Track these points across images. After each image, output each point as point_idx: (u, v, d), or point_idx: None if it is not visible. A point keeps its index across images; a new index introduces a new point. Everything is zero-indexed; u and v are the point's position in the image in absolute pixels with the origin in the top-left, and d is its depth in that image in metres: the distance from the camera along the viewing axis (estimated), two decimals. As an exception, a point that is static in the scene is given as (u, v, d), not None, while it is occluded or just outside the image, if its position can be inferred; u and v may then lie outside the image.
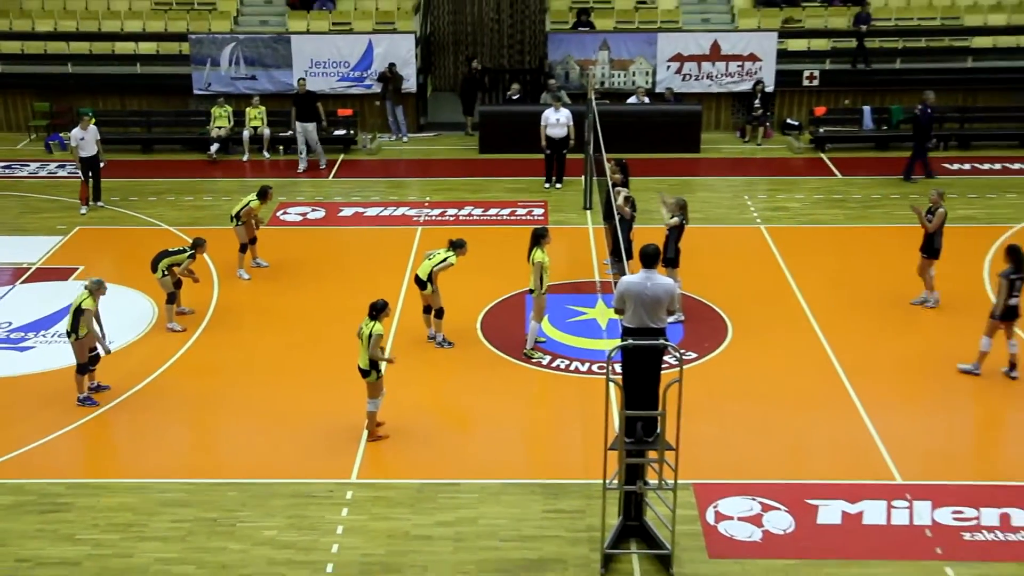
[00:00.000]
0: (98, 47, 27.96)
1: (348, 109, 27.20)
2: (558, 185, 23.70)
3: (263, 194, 19.02)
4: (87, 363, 14.95)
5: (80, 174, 22.47)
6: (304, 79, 25.81)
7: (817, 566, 11.52)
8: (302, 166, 25.01)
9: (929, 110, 23.54)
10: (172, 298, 17.09)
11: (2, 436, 14.18)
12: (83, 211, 22.30)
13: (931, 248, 17.33)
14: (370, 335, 13.44)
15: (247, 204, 18.82)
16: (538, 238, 15.88)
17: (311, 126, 24.77)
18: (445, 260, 16.04)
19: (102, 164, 22.73)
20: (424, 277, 16.01)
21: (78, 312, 14.67)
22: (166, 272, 16.88)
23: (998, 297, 15.14)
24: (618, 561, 11.54)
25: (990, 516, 12.29)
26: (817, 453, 13.82)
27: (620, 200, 17.28)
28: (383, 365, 13.90)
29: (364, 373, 13.70)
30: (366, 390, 13.78)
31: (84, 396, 15.00)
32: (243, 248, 19.16)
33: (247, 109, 26.23)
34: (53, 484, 13.14)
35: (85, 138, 22.08)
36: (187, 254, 17.03)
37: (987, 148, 26.13)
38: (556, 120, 23.30)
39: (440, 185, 24.07)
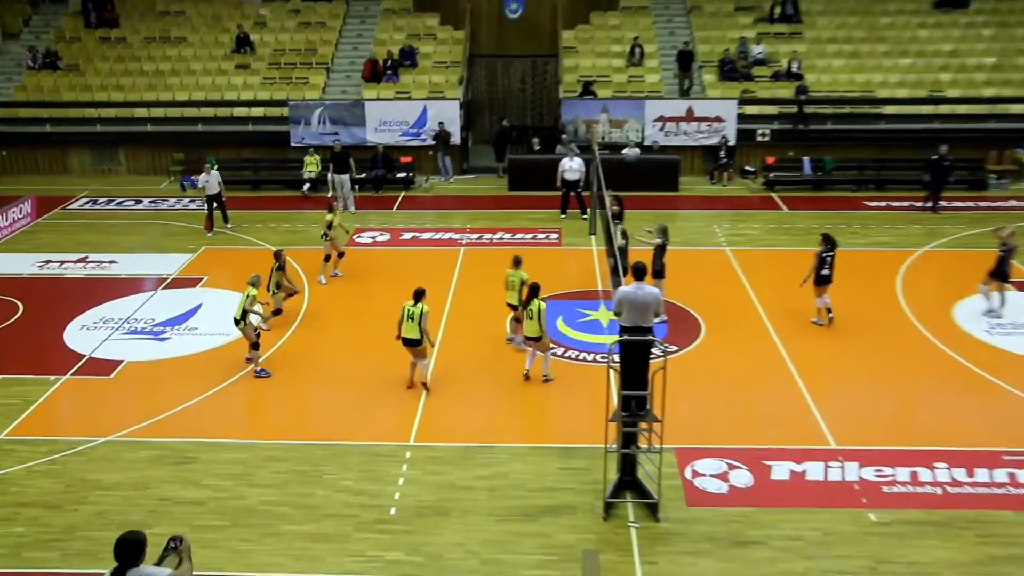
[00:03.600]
0: (221, 111, 27.98)
1: (408, 157, 27.08)
2: (584, 216, 23.04)
3: (331, 209, 19.31)
4: (257, 341, 15.13)
5: (205, 207, 22.53)
6: (339, 140, 25.40)
7: (771, 512, 11.37)
8: (341, 206, 23.94)
9: (946, 161, 23.16)
10: (279, 312, 17.11)
11: (146, 405, 14.17)
12: (209, 234, 22.31)
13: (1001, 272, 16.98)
14: (421, 313, 13.96)
15: (328, 221, 19.00)
16: (534, 291, 14.31)
17: (345, 177, 24.38)
18: (521, 277, 15.44)
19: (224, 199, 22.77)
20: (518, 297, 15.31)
21: (246, 300, 14.90)
22: (276, 290, 16.81)
23: (811, 269, 16.38)
24: (616, 508, 11.41)
25: (903, 473, 12.14)
26: (770, 424, 13.62)
27: (619, 234, 16.78)
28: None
29: (415, 343, 14.11)
30: (417, 355, 14.31)
31: (260, 370, 15.11)
32: (327, 258, 19.16)
33: (304, 157, 26.02)
34: (184, 442, 13.10)
35: (209, 180, 22.09)
36: (276, 267, 16.92)
37: (897, 190, 25.77)
38: (571, 167, 23.10)
39: (478, 215, 23.93)
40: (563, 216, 23.46)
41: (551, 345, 14.99)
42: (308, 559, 10.60)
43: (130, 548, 7.09)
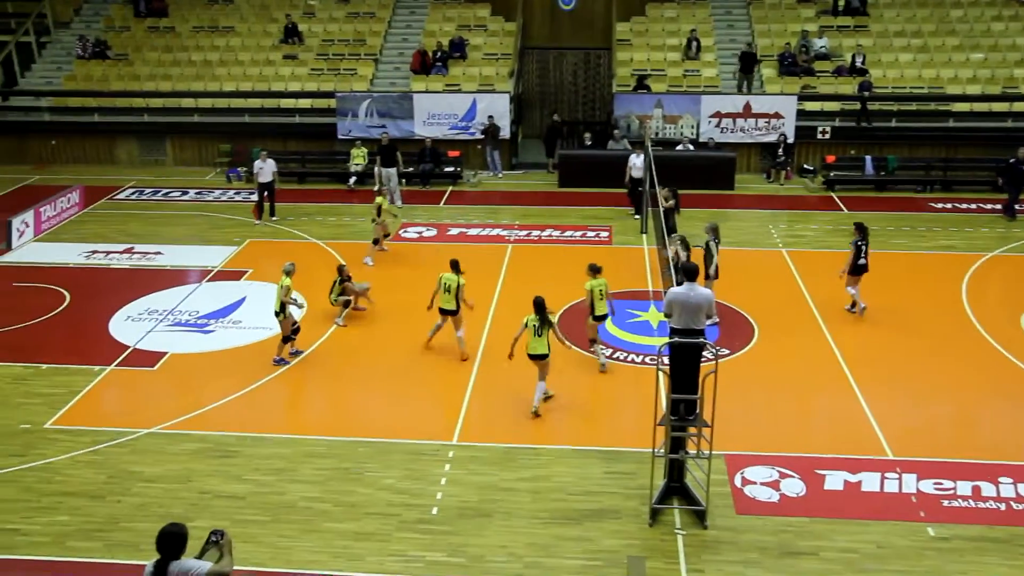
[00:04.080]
0: (268, 102, 28.39)
1: (456, 151, 27.24)
2: (636, 216, 22.83)
3: (379, 192, 21.19)
4: (290, 334, 15.47)
5: (256, 195, 22.92)
6: (387, 133, 25.61)
7: (824, 523, 11.28)
8: (388, 200, 24.39)
9: (1023, 163, 22.71)
10: (348, 304, 17.29)
11: (190, 398, 14.45)
12: (257, 223, 22.75)
13: None
14: (458, 285, 15.21)
15: (377, 205, 20.05)
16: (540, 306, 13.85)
17: (392, 171, 24.51)
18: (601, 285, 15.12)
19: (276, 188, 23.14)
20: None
21: (281, 290, 15.18)
22: (337, 299, 17.18)
23: (848, 260, 16.80)
24: (663, 514, 11.40)
25: (964, 487, 11.95)
26: (825, 432, 13.53)
27: (677, 246, 16.25)
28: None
29: (452, 312, 15.31)
30: (455, 324, 15.45)
31: (279, 359, 15.43)
32: (375, 241, 20.02)
33: (351, 150, 26.34)
34: (226, 435, 13.35)
35: (263, 168, 22.50)
36: (340, 280, 17.20)
37: (965, 191, 25.35)
38: (638, 164, 22.89)
39: (527, 212, 23.99)
40: (637, 216, 22.97)
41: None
42: (348, 557, 10.75)
43: (172, 541, 7.29)
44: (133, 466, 12.59)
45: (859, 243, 16.79)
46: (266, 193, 22.80)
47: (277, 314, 15.33)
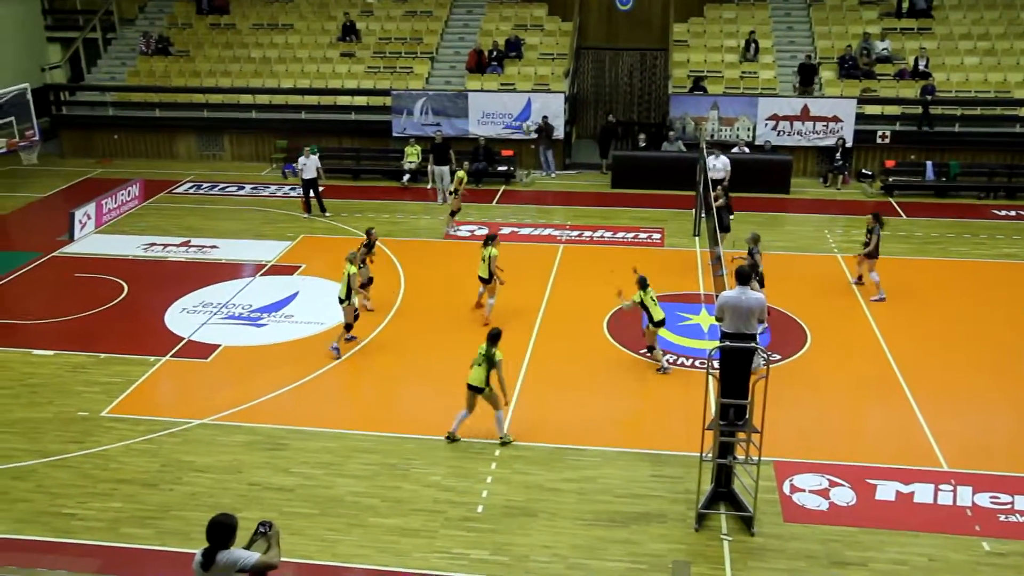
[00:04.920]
0: (324, 99, 28.69)
1: (510, 150, 27.29)
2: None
3: (461, 166, 23.03)
4: (352, 323, 16.00)
5: (301, 191, 23.33)
6: (440, 131, 25.83)
7: (873, 534, 11.12)
8: (440, 199, 24.72)
9: None
10: (369, 283, 17.58)
11: (242, 390, 14.67)
12: (305, 216, 23.22)
13: None
14: (490, 257, 16.56)
15: (460, 177, 21.81)
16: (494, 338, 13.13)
17: (445, 169, 24.67)
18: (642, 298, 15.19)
19: (321, 188, 23.43)
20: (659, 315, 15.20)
21: (347, 279, 15.64)
22: (362, 264, 17.26)
23: (874, 245, 17.81)
24: (709, 519, 11.34)
25: (1022, 502, 11.71)
26: (877, 441, 13.35)
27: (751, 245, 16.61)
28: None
29: (484, 280, 16.78)
30: (488, 292, 16.87)
31: (335, 346, 15.78)
32: (453, 213, 21.74)
33: (406, 148, 26.53)
34: (276, 428, 13.54)
35: (307, 164, 22.79)
36: (365, 244, 17.56)
37: (1031, 198, 24.84)
38: (715, 165, 22.73)
39: (579, 212, 23.94)
40: (704, 217, 22.88)
41: (504, 403, 13.36)
42: (394, 553, 10.85)
43: (222, 531, 7.42)
44: (185, 456, 12.84)
45: (879, 230, 17.80)
46: (311, 190, 23.10)
47: (341, 301, 15.60)
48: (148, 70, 29.94)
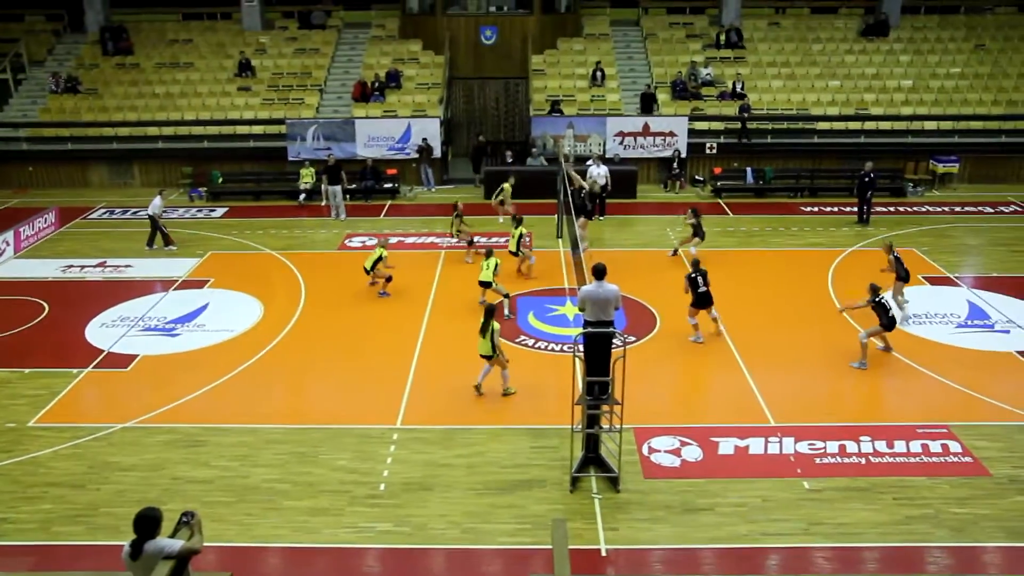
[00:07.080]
0: (225, 129, 27.80)
1: (394, 169, 27.04)
2: (600, 218, 23.20)
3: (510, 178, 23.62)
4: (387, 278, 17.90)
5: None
6: (332, 154, 25.31)
7: (718, 483, 11.49)
8: (333, 215, 24.22)
9: (869, 175, 22.78)
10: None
11: (161, 395, 14.10)
12: (149, 248, 21.45)
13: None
14: (495, 264, 17.12)
15: (501, 189, 22.98)
16: (490, 312, 13.69)
17: (337, 188, 24.25)
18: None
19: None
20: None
21: (377, 260, 17.75)
22: (457, 235, 19.32)
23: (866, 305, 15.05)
24: (582, 481, 11.49)
25: (833, 446, 12.32)
26: (717, 405, 13.78)
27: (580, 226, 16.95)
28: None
29: (485, 284, 17.04)
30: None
31: (384, 292, 17.85)
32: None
33: (301, 170, 25.86)
34: (194, 427, 13.07)
35: (154, 202, 21.42)
36: (457, 215, 19.75)
37: (828, 196, 26.09)
38: (599, 173, 22.95)
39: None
40: (600, 218, 23.33)
41: (506, 362, 14.01)
42: (307, 531, 10.62)
43: (147, 523, 7.15)
44: (111, 457, 12.25)
45: (693, 276, 15.76)
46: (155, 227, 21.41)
47: (368, 271, 17.95)
48: (59, 107, 28.37)
